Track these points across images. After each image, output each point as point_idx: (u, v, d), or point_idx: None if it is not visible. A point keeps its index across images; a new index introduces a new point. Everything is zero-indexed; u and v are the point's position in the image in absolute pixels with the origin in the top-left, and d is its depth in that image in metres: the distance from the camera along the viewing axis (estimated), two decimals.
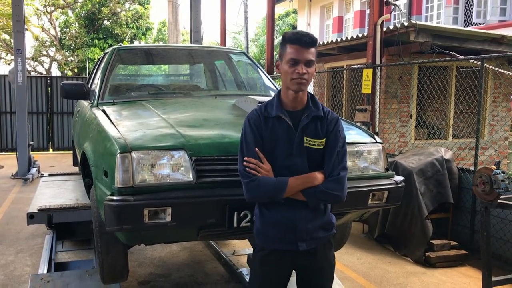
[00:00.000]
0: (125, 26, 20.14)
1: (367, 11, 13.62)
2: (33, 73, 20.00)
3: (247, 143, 2.10)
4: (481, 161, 5.14)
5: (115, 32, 19.76)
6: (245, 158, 2.08)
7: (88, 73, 9.12)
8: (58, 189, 4.81)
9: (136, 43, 21.01)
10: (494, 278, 3.45)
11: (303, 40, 2.02)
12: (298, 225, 2.10)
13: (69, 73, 20.46)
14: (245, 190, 2.09)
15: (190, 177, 2.46)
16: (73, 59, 20.35)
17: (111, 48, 4.37)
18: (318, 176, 2.08)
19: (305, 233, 2.11)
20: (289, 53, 2.03)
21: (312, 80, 2.25)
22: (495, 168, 3.26)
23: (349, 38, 7.70)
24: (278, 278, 2.20)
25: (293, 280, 2.26)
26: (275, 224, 2.12)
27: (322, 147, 2.11)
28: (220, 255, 4.48)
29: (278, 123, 2.09)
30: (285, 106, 2.12)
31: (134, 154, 2.42)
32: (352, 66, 8.06)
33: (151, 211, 2.34)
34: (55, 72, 21.43)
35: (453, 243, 4.71)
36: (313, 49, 2.04)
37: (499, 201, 3.32)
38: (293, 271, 2.24)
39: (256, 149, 2.07)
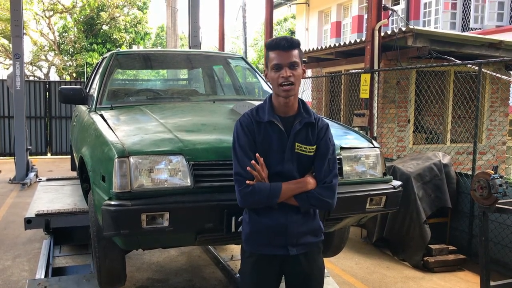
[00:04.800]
0: (124, 31, 20.18)
1: (365, 16, 13.67)
2: (31, 78, 19.98)
3: (241, 146, 2.07)
4: (479, 165, 5.16)
5: (114, 37, 19.78)
6: (250, 163, 2.02)
7: (87, 78, 9.11)
8: (56, 193, 4.79)
9: (134, 48, 21.04)
10: (492, 283, 3.45)
11: (282, 44, 2.05)
12: (289, 230, 2.09)
13: (68, 78, 20.42)
14: (239, 196, 2.06)
15: (188, 182, 2.46)
16: (71, 64, 20.35)
17: (109, 52, 4.38)
18: (311, 181, 2.08)
19: (295, 237, 2.11)
20: (272, 59, 2.07)
21: (310, 84, 2.26)
22: (493, 172, 3.27)
23: (347, 43, 7.72)
24: (268, 284, 2.18)
25: (282, 286, 2.25)
26: (265, 229, 2.11)
27: (312, 153, 2.12)
28: (218, 260, 4.46)
29: (270, 128, 2.09)
30: (277, 112, 2.12)
31: (132, 159, 2.42)
32: (350, 71, 8.08)
33: (148, 216, 2.33)
34: (54, 76, 21.43)
35: (451, 247, 4.71)
36: (294, 51, 2.06)
37: (497, 205, 3.33)
38: (283, 276, 2.23)
39: (257, 154, 2.04)
